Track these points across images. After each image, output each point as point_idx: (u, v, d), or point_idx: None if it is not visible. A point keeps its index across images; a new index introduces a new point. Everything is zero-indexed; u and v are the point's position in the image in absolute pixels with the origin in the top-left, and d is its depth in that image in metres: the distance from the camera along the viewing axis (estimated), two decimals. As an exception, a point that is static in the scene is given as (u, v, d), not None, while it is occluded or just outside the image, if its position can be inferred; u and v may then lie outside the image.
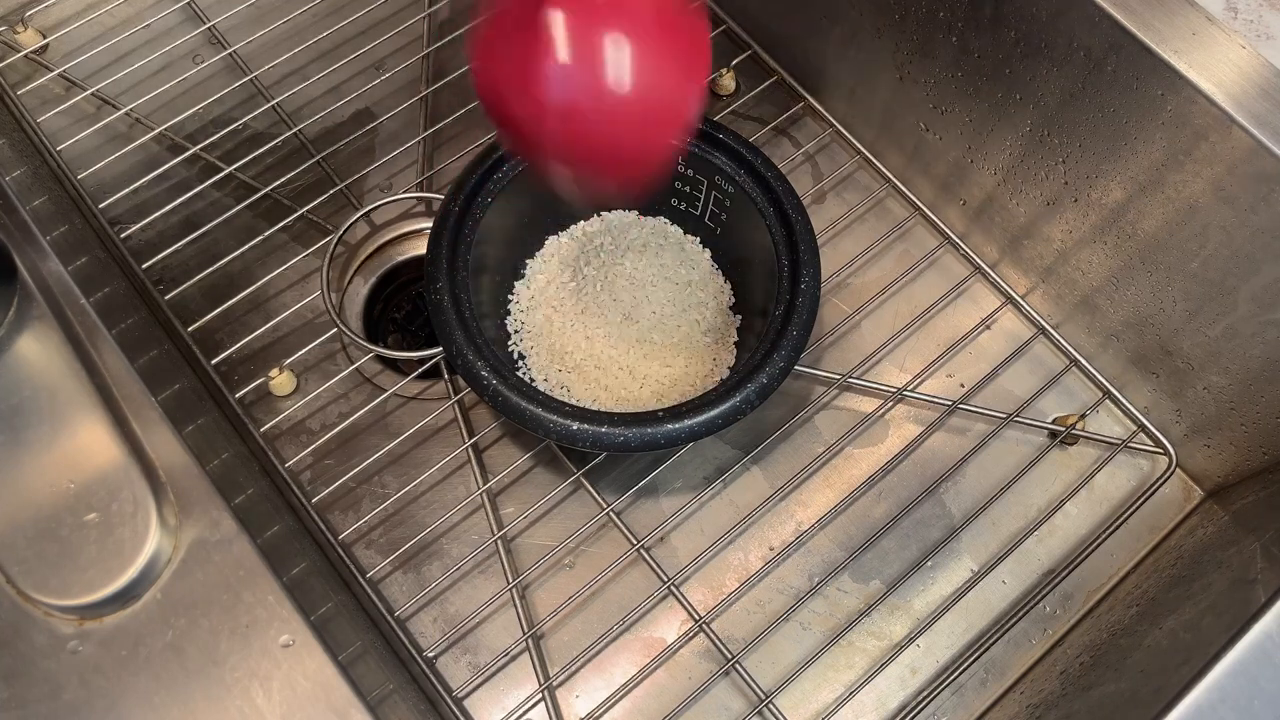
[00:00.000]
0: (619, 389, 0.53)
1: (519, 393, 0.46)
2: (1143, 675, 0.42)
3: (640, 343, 0.54)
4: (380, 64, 0.66)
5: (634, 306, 0.55)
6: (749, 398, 0.47)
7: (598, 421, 0.46)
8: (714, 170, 0.53)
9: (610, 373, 0.53)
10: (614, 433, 0.46)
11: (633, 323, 0.54)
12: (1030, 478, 0.56)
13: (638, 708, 0.52)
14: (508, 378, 0.47)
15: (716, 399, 0.47)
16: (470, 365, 0.47)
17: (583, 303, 0.55)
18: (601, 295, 0.55)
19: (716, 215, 0.55)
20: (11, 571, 0.36)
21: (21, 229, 0.43)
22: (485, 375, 0.47)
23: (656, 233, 0.57)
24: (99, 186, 0.59)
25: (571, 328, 0.54)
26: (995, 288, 0.62)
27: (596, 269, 0.56)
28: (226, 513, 0.38)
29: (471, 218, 0.51)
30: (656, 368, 0.54)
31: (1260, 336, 0.49)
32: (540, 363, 0.54)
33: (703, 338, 0.55)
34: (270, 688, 0.36)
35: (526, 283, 0.56)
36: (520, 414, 0.46)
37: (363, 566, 0.52)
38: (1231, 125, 0.44)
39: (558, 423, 0.46)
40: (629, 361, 0.54)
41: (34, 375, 0.40)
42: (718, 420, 0.46)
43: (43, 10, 0.62)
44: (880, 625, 0.54)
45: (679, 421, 0.46)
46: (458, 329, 0.48)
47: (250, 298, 0.57)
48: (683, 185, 0.55)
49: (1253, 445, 0.53)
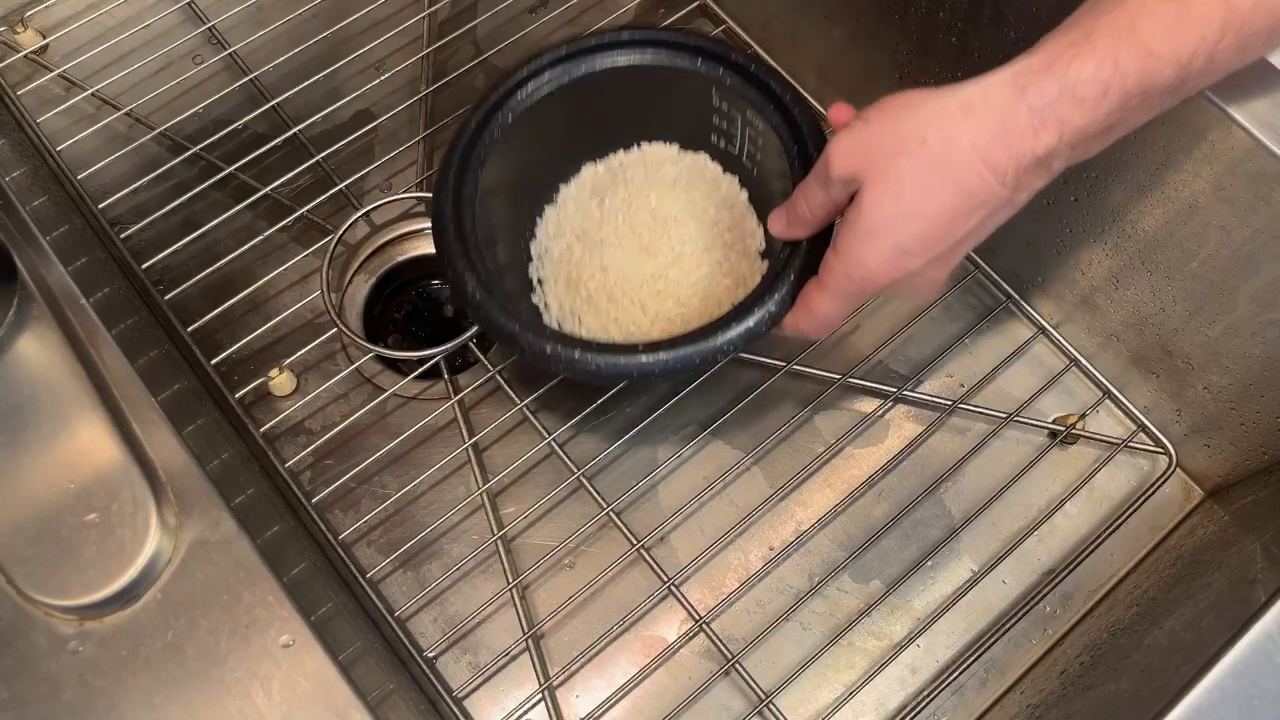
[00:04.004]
0: (629, 323, 0.51)
1: (501, 308, 0.45)
2: (1143, 675, 0.42)
3: (655, 278, 0.52)
4: (380, 64, 0.66)
5: (653, 240, 0.53)
6: (732, 340, 0.45)
7: (570, 345, 0.45)
8: (745, 104, 0.51)
9: (622, 306, 0.52)
10: (586, 358, 0.44)
11: (650, 257, 0.52)
12: (1030, 478, 0.56)
13: (638, 708, 0.52)
14: (494, 293, 0.46)
15: (697, 337, 0.45)
16: (460, 275, 0.46)
17: (603, 232, 0.53)
18: (622, 227, 0.53)
19: (753, 155, 0.53)
20: (11, 571, 0.36)
21: (21, 229, 0.43)
22: (470, 285, 0.46)
23: (694, 169, 0.55)
24: (99, 187, 0.59)
25: (590, 257, 0.53)
26: (995, 287, 0.61)
27: (622, 200, 0.54)
28: (226, 513, 0.38)
29: (489, 134, 0.49)
30: (670, 305, 0.52)
31: (1260, 336, 0.49)
32: (556, 290, 0.53)
33: (723, 280, 0.52)
34: (270, 688, 0.36)
35: (557, 209, 0.55)
36: (497, 329, 0.45)
37: (363, 566, 0.52)
38: (1231, 125, 0.44)
39: (533, 341, 0.45)
40: (642, 296, 0.52)
41: (34, 375, 0.40)
42: (693, 358, 0.44)
43: (43, 10, 0.62)
44: (880, 625, 0.54)
45: (654, 355, 0.44)
46: (454, 240, 0.47)
47: (250, 298, 0.57)
48: (720, 120, 0.53)
49: (1253, 445, 0.53)
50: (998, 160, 0.36)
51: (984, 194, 0.37)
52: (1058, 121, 0.35)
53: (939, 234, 0.38)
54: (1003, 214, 0.38)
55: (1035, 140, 0.35)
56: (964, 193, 0.37)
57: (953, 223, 0.37)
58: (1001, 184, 0.36)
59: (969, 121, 0.36)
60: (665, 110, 0.53)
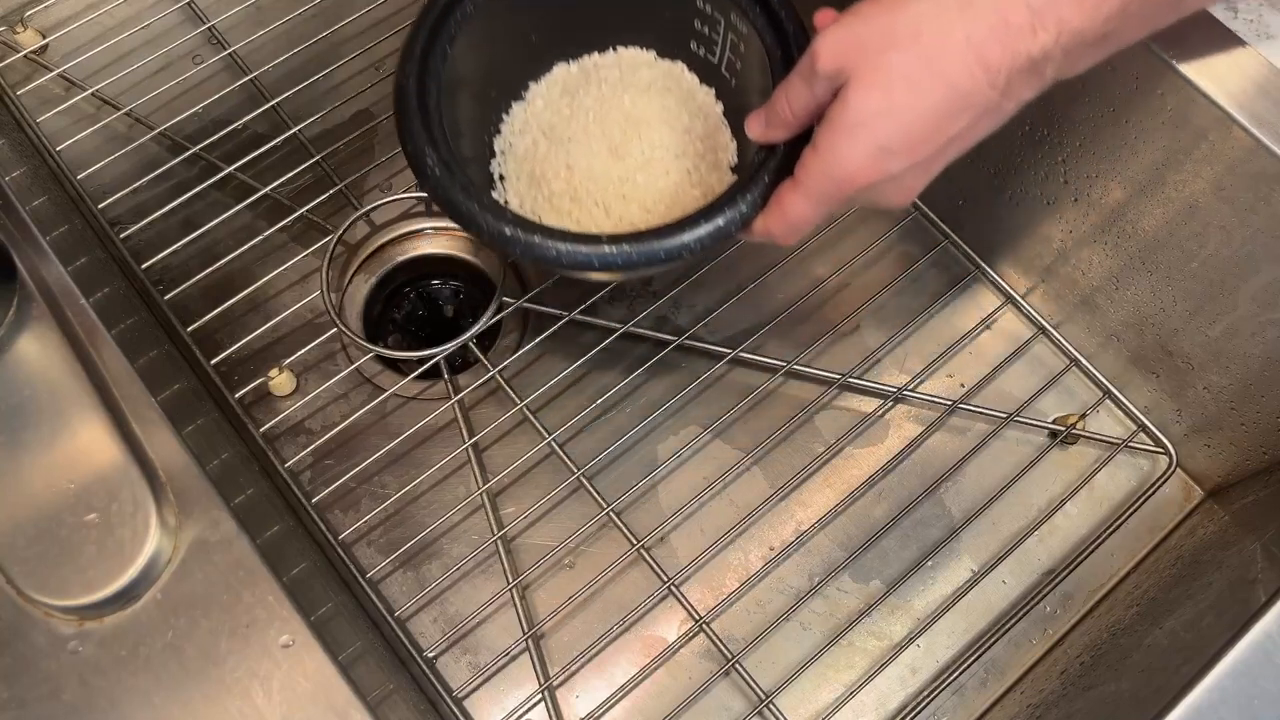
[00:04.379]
0: (590, 226, 0.49)
1: (461, 189, 0.44)
2: (1143, 675, 0.42)
3: (622, 181, 0.50)
4: (380, 64, 0.65)
5: (624, 142, 0.50)
6: (700, 238, 0.43)
7: (530, 229, 0.43)
8: (730, 5, 0.48)
9: (585, 207, 0.50)
10: (546, 244, 0.43)
11: (619, 159, 0.50)
12: (1030, 478, 0.56)
13: (638, 708, 0.52)
14: (455, 173, 0.44)
15: (664, 232, 0.43)
16: (419, 149, 0.44)
17: (571, 129, 0.51)
18: (592, 126, 0.51)
19: (733, 65, 0.51)
20: (11, 571, 0.36)
21: (21, 229, 0.43)
22: (430, 161, 0.44)
23: (669, 76, 0.53)
24: (99, 187, 0.59)
25: (555, 154, 0.51)
26: (995, 287, 0.61)
27: (595, 100, 0.52)
28: (226, 513, 0.38)
29: (460, 11, 0.47)
30: (635, 210, 0.49)
31: (1260, 336, 0.49)
32: (518, 187, 0.51)
33: (692, 190, 0.50)
34: (270, 688, 0.36)
35: (525, 104, 0.53)
36: (456, 208, 0.44)
37: (363, 566, 0.52)
38: (1231, 125, 0.44)
39: (492, 223, 0.43)
40: (607, 199, 0.50)
41: (34, 375, 0.40)
42: (658, 253, 0.42)
43: (43, 10, 0.62)
44: (880, 625, 0.54)
45: (617, 246, 0.42)
46: (416, 113, 0.45)
47: (250, 298, 0.56)
48: (701, 25, 0.51)
49: (1253, 445, 0.53)
50: (992, 58, 0.35)
51: (974, 94, 0.36)
52: (1056, 21, 0.34)
53: (925, 134, 0.37)
54: (988, 121, 0.37)
55: (1032, 39, 0.34)
56: (955, 91, 0.36)
57: (940, 123, 0.36)
58: (992, 85, 0.35)
59: (965, 16, 0.35)
60: (645, 8, 0.52)
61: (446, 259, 0.63)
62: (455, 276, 0.65)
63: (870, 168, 0.37)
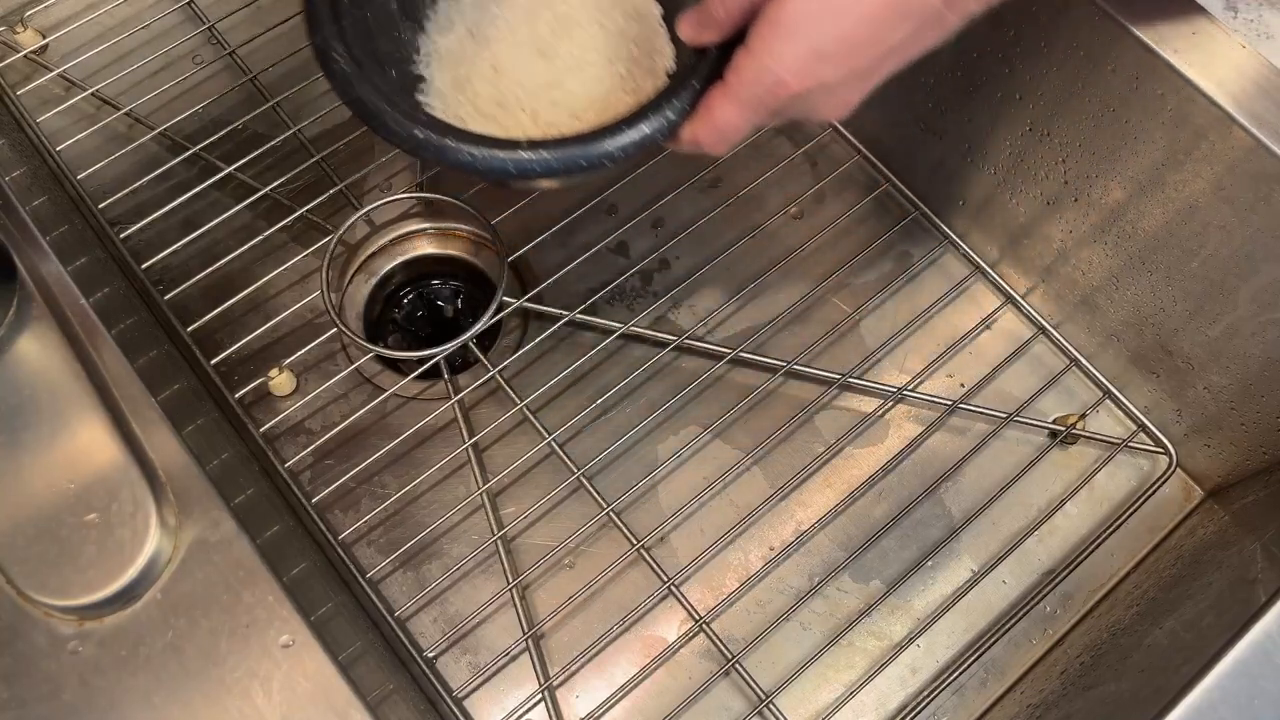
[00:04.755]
0: (517, 133, 0.46)
1: (372, 87, 0.41)
2: (1143, 675, 0.42)
3: (551, 86, 0.47)
4: (380, 64, 0.65)
5: (553, 43, 0.48)
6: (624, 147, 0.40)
7: (443, 131, 0.41)
8: None
9: (511, 113, 0.47)
10: (460, 148, 0.40)
11: (547, 61, 0.47)
12: (1030, 478, 0.56)
13: (638, 708, 0.52)
14: (364, 68, 0.42)
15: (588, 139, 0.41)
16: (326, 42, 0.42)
17: (498, 29, 0.48)
18: (520, 27, 0.48)
19: None
20: (11, 571, 0.36)
21: (21, 229, 0.43)
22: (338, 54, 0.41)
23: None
24: (99, 187, 0.59)
25: (481, 56, 0.48)
26: (995, 287, 0.61)
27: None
28: (226, 513, 0.38)
29: None
30: (564, 118, 0.46)
31: (1260, 336, 0.49)
32: (441, 89, 0.48)
33: (625, 97, 0.47)
34: (270, 688, 0.36)
35: (449, 2, 0.49)
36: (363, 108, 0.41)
37: (363, 566, 0.52)
38: (1231, 125, 0.44)
39: (401, 125, 0.41)
40: (535, 105, 0.47)
41: (34, 375, 0.40)
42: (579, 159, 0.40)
43: (43, 10, 0.62)
44: (880, 625, 0.54)
45: (536, 151, 0.40)
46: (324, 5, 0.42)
47: (250, 298, 0.56)
48: None
49: (1253, 445, 0.53)
50: None
51: (917, 1, 0.35)
52: None
53: (863, 40, 0.35)
54: (930, 35, 0.36)
55: None
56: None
57: (879, 30, 0.35)
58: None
59: None
60: None
61: (446, 259, 0.63)
62: (455, 276, 0.65)
63: (803, 73, 0.36)
